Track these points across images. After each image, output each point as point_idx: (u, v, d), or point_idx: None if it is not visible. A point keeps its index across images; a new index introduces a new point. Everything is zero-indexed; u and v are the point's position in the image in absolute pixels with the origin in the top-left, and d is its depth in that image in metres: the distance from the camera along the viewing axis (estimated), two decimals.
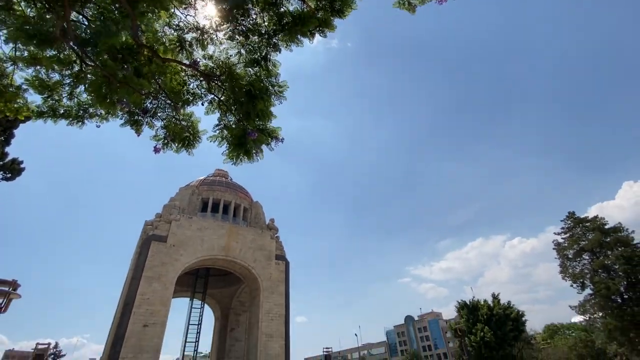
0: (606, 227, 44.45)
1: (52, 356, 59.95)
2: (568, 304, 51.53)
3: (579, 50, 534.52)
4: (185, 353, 60.07)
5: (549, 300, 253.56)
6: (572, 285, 44.90)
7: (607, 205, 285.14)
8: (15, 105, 5.51)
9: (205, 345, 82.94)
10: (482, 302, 45.01)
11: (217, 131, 5.17)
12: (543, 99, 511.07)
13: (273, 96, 4.75)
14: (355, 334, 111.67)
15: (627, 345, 41.28)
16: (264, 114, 4.70)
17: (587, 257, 45.05)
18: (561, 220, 49.42)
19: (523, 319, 42.24)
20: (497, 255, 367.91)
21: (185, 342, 60.51)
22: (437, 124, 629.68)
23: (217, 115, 5.12)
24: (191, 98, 5.07)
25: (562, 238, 48.41)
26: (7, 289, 20.62)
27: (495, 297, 45.15)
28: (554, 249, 48.46)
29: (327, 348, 61.03)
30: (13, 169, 16.70)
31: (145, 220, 57.63)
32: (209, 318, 74.03)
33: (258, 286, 57.29)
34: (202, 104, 5.09)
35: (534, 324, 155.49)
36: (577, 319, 63.44)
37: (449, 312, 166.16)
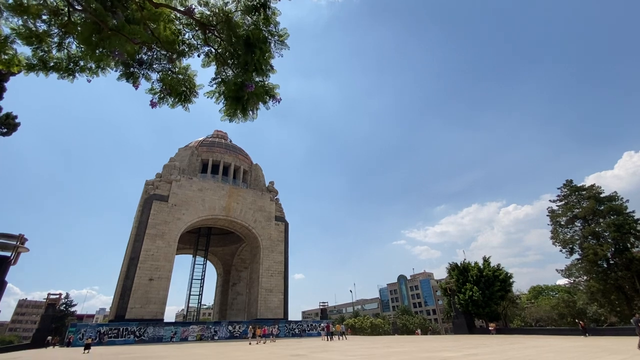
0: (601, 195, 45.04)
1: (64, 305, 63.59)
2: (555, 267, 53.76)
3: (593, 13, 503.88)
4: (190, 305, 63.96)
5: (537, 264, 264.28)
6: (561, 250, 46.57)
7: (604, 175, 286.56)
8: (6, 57, 5.30)
9: (209, 298, 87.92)
10: (473, 264, 46.88)
11: (215, 86, 4.98)
12: (551, 64, 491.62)
13: (273, 46, 4.50)
14: (350, 291, 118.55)
15: (607, 307, 43.78)
16: (262, 67, 4.49)
17: (579, 224, 46.16)
18: (558, 188, 49.94)
19: (511, 280, 44.30)
20: (491, 221, 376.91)
21: (190, 295, 64.10)
22: (440, 90, 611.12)
23: (214, 69, 4.92)
24: (187, 49, 4.83)
25: (556, 205, 49.25)
26: (15, 242, 21.32)
27: (485, 260, 46.93)
28: (547, 215, 49.51)
29: (323, 302, 64.94)
30: (8, 124, 16.46)
31: (146, 180, 58.15)
32: (211, 274, 77.55)
33: (258, 245, 59.45)
34: (199, 56, 4.85)
35: (521, 286, 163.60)
36: (562, 281, 66.59)
37: (441, 273, 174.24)
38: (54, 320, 50.64)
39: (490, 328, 39.45)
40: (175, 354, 20.46)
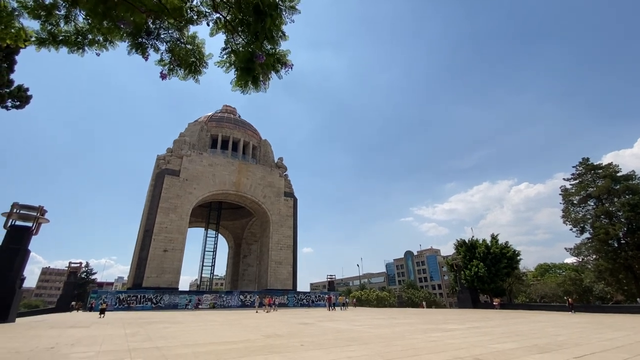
0: (618, 174, 43.79)
1: (85, 274, 67.00)
2: (564, 246, 53.56)
3: None
4: (203, 275, 66.70)
5: (546, 243, 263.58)
6: (571, 229, 46.12)
7: (623, 154, 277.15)
8: (13, 31, 5.27)
9: (221, 269, 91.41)
10: (481, 242, 47.06)
11: (225, 56, 4.89)
12: (569, 37, 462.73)
13: (284, 12, 4.34)
14: (357, 265, 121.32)
15: (614, 285, 43.82)
16: (273, 35, 4.34)
17: (592, 204, 45.32)
18: (573, 167, 48.61)
19: (518, 257, 44.46)
20: (501, 199, 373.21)
21: (202, 266, 66.70)
22: (455, 63, 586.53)
23: (223, 38, 4.80)
24: (195, 16, 4.69)
25: (570, 184, 48.21)
26: (35, 214, 22.17)
27: (493, 238, 46.98)
28: (560, 194, 48.65)
29: (330, 275, 66.94)
30: (20, 97, 16.64)
31: (157, 155, 58.96)
32: (223, 246, 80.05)
33: (268, 219, 60.68)
34: (208, 24, 4.72)
35: (528, 263, 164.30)
36: (570, 260, 66.58)
37: (448, 250, 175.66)
38: (76, 287, 53.62)
39: (494, 303, 40.17)
40: (190, 319, 21.59)
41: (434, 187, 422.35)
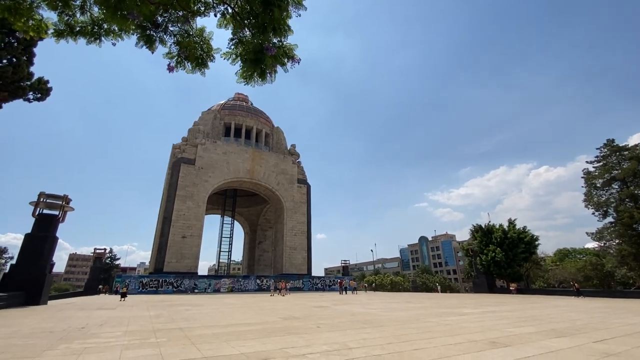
0: None
1: (109, 259, 70.11)
2: (585, 231, 51.99)
3: None
4: (220, 260, 68.68)
5: (566, 228, 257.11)
6: (593, 213, 44.64)
7: None
8: (32, 23, 5.38)
9: (237, 255, 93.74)
10: (497, 227, 46.30)
11: (232, 47, 4.88)
12: (594, 13, 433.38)
13: (290, 5, 4.27)
14: (371, 250, 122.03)
15: (638, 270, 42.53)
16: (280, 27, 4.30)
17: (616, 187, 43.56)
18: (597, 149, 46.55)
19: (536, 242, 43.59)
20: (519, 184, 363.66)
21: (220, 252, 68.55)
22: (473, 42, 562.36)
23: (230, 31, 4.78)
24: (203, 8, 4.68)
25: (593, 167, 46.32)
26: (61, 202, 23.14)
27: (511, 222, 46.10)
28: (582, 177, 46.90)
29: (344, 260, 67.53)
30: (41, 89, 17.15)
31: (173, 144, 60.09)
32: (239, 232, 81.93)
33: (282, 206, 61.40)
34: (215, 15, 4.70)
35: (546, 248, 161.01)
36: (591, 245, 64.71)
37: (463, 235, 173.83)
38: (102, 272, 56.28)
39: (511, 288, 39.80)
40: (210, 302, 22.44)
41: (449, 172, 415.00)
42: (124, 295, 28.10)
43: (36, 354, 6.15)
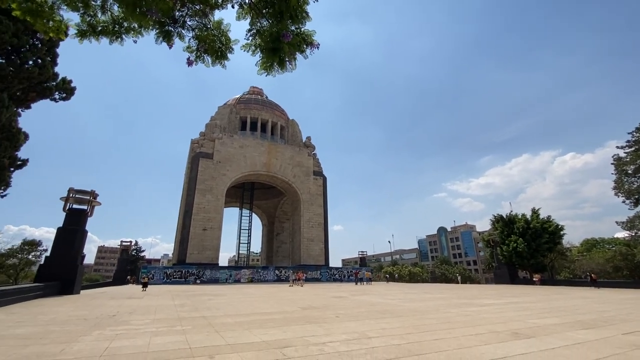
0: None
1: (135, 251, 73.11)
2: (615, 220, 49.67)
3: None
4: (240, 252, 70.29)
5: (593, 217, 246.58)
6: (624, 202, 42.53)
7: None
8: (52, 24, 5.51)
9: (256, 246, 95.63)
10: (520, 216, 44.96)
11: (250, 38, 4.89)
12: None
13: None
14: (389, 241, 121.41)
15: None
16: (297, 14, 4.27)
17: None
18: (628, 133, 44.00)
19: (561, 232, 42.06)
20: (543, 172, 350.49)
21: (239, 243, 70.11)
22: (495, 24, 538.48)
23: (248, 22, 4.78)
24: (220, 0, 4.70)
25: (624, 152, 43.89)
26: (88, 197, 24.19)
27: (534, 212, 44.61)
28: (612, 164, 44.60)
29: (362, 251, 67.63)
30: (66, 89, 17.84)
31: (191, 139, 61.34)
32: (258, 225, 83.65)
33: (298, 198, 61.86)
34: (233, 6, 4.72)
35: (573, 238, 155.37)
36: (621, 234, 61.80)
37: (483, 225, 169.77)
38: (129, 263, 58.82)
39: (534, 279, 38.77)
40: (231, 292, 23.09)
41: (469, 161, 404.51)
42: (145, 285, 28.70)
43: (73, 339, 6.55)
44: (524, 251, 40.64)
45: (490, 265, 56.52)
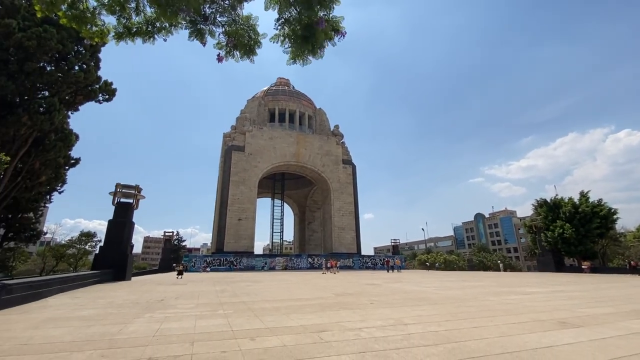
0: None
1: (177, 241, 77.87)
2: None
3: None
4: (274, 241, 72.43)
5: None
6: None
7: None
8: (95, 29, 5.83)
9: (288, 235, 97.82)
10: (567, 200, 41.96)
11: (279, 27, 4.91)
12: None
13: None
14: (422, 229, 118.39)
15: None
16: (326, 0, 4.20)
17: None
18: None
19: (615, 216, 38.74)
20: (592, 151, 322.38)
21: (272, 232, 72.20)
22: None
23: (276, 11, 4.78)
24: None
25: None
26: (134, 191, 25.92)
27: (583, 195, 41.39)
28: None
29: (394, 239, 66.79)
30: (108, 91, 19.08)
31: (223, 133, 63.37)
32: (290, 214, 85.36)
33: (328, 187, 62.11)
34: None
35: (628, 223, 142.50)
36: None
37: (524, 211, 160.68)
38: (172, 252, 62.83)
39: (583, 267, 36.24)
40: (267, 279, 23.95)
41: (508, 144, 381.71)
42: (180, 272, 27.81)
43: (128, 320, 7.19)
44: (571, 237, 38.04)
45: (532, 252, 53.56)
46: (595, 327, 6.43)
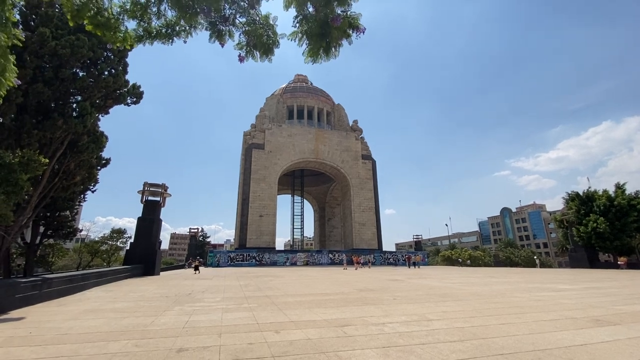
0: None
1: (201, 237, 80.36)
2: None
3: None
4: (295, 237, 73.22)
5: None
6: None
7: None
8: (120, 35, 6.06)
9: (308, 231, 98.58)
10: (601, 193, 39.70)
11: (297, 25, 4.93)
12: None
13: None
14: (446, 224, 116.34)
15: None
16: None
17: None
18: None
19: None
20: (629, 141, 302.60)
21: (293, 229, 72.96)
22: None
23: (295, 8, 4.80)
24: None
25: None
26: (160, 190, 26.89)
27: (619, 187, 39.01)
28: None
29: (417, 235, 65.72)
30: (136, 94, 19.81)
31: (244, 131, 64.47)
32: (310, 211, 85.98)
33: (348, 183, 61.90)
34: None
35: None
36: None
37: (555, 205, 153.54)
38: (197, 248, 64.93)
39: (619, 262, 34.30)
40: (289, 274, 24.29)
41: (536, 134, 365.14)
42: (197, 268, 27.80)
43: (159, 313, 7.53)
44: (606, 232, 36.03)
45: (564, 247, 51.16)
46: (633, 324, 6.10)
